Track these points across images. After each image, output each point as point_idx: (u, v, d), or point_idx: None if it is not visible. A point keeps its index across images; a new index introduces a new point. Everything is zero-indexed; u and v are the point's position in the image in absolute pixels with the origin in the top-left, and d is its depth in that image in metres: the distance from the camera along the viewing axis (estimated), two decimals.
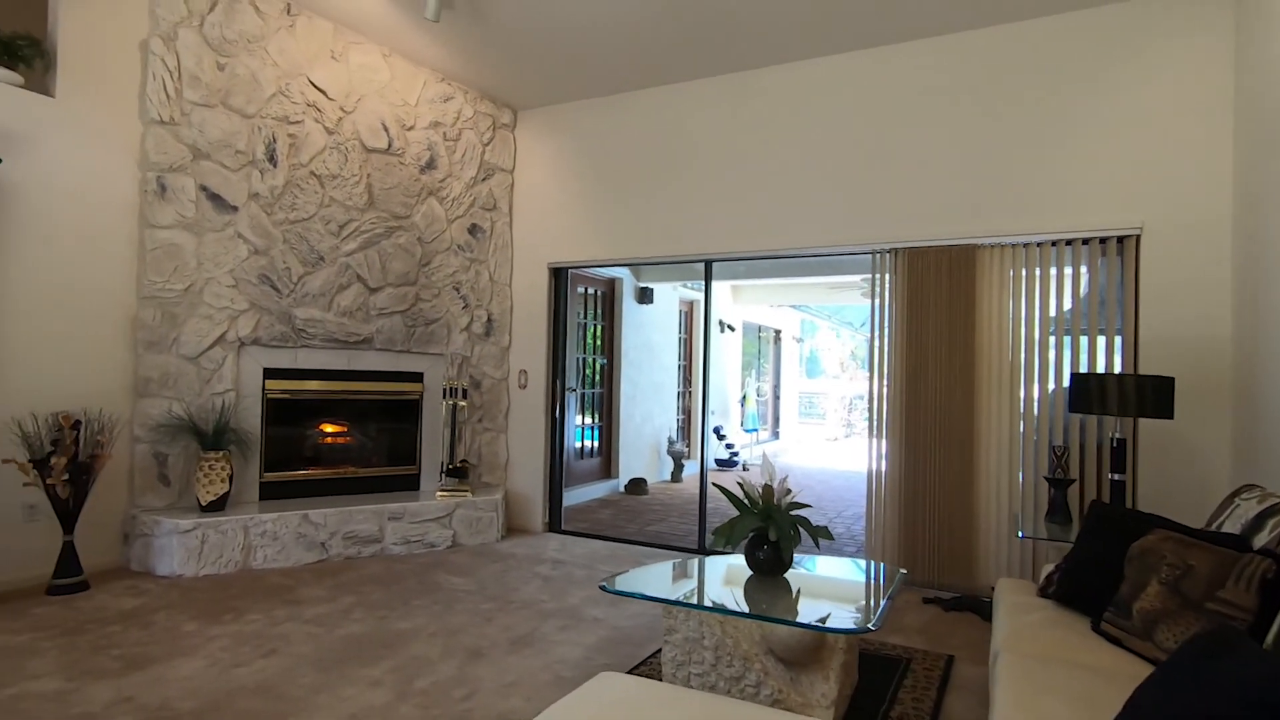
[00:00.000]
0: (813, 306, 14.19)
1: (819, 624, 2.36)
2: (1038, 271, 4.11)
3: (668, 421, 9.23)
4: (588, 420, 7.72)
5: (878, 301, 4.54)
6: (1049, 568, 2.76)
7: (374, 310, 5.03)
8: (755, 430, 11.80)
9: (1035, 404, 4.09)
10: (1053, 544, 3.56)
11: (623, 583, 2.78)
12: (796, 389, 15.45)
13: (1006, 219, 4.17)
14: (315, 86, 4.70)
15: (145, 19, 4.14)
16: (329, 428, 5.10)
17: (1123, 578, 2.24)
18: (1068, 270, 4.07)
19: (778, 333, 14.02)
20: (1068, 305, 4.08)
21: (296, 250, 4.65)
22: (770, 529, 2.71)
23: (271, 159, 4.53)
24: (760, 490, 2.88)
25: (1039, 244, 4.10)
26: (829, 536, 2.85)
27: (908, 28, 4.31)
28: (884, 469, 4.45)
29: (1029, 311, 4.12)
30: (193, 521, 4.00)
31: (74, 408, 3.83)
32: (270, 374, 4.63)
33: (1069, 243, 4.05)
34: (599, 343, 7.92)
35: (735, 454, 10.34)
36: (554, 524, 5.67)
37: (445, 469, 5.19)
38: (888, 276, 4.49)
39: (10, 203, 3.64)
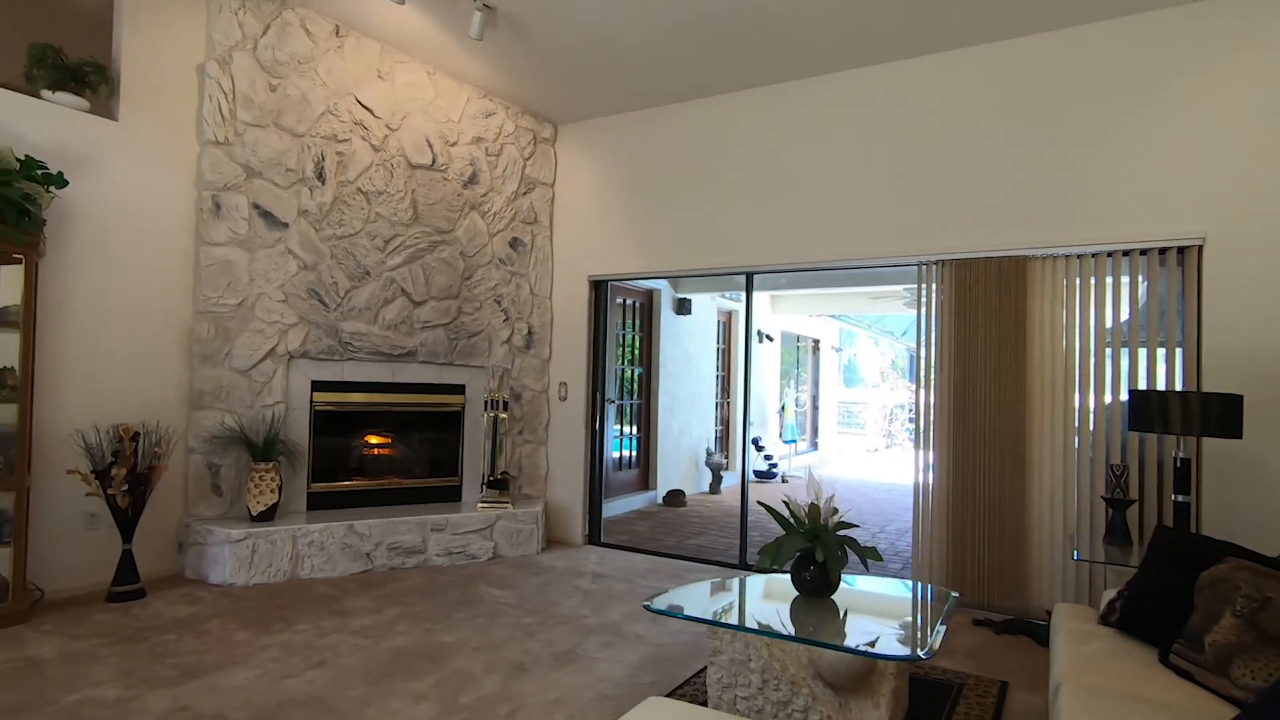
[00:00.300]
0: (852, 316, 14.00)
1: (871, 649, 2.30)
2: (1093, 283, 3.98)
3: (705, 433, 9.18)
4: (626, 430, 7.72)
5: (923, 312, 4.45)
6: (1110, 594, 2.66)
7: (417, 323, 5.11)
8: (794, 441, 11.66)
9: (1090, 418, 3.96)
10: (1111, 567, 3.43)
11: (666, 602, 2.75)
12: (835, 398, 15.23)
13: (1059, 230, 4.05)
14: (362, 105, 4.80)
15: (202, 43, 4.29)
16: (373, 439, 5.18)
17: (1192, 608, 2.14)
18: (1124, 280, 3.94)
19: (816, 342, 13.86)
20: (1124, 316, 3.95)
21: (343, 265, 4.75)
22: (817, 549, 2.66)
23: (320, 176, 4.64)
24: (806, 508, 2.84)
25: (1094, 255, 3.97)
26: (877, 558, 2.78)
27: (955, 35, 4.23)
28: (931, 483, 4.35)
29: (1083, 324, 3.99)
30: (244, 531, 4.10)
31: (133, 420, 3.96)
32: (318, 386, 4.72)
33: (1125, 254, 3.91)
34: (637, 354, 7.92)
35: (774, 465, 10.23)
36: (593, 536, 5.67)
37: (486, 481, 5.23)
38: (934, 288, 4.40)
39: (75, 222, 3.78)
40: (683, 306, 8.50)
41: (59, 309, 3.73)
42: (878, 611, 2.87)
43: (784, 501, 2.87)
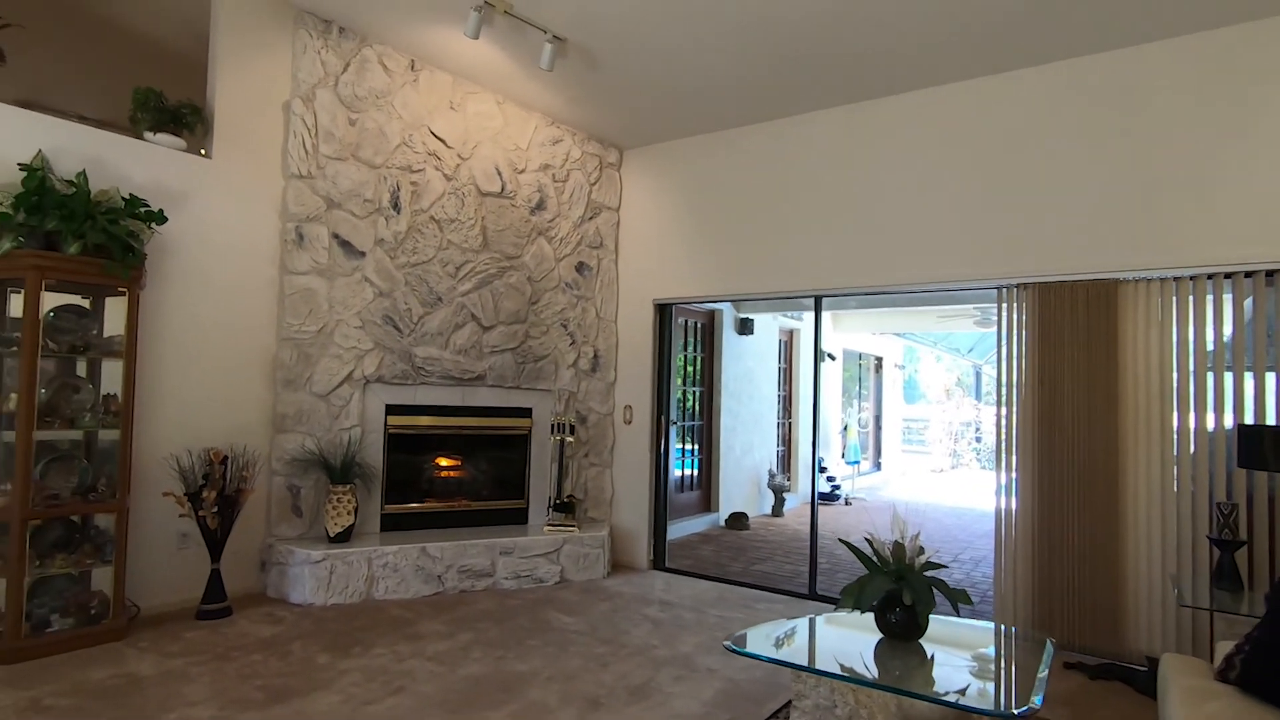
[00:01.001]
0: (916, 333, 13.65)
1: (970, 704, 2.20)
2: (1190, 308, 3.77)
3: (768, 453, 9.05)
4: (688, 449, 7.67)
5: (1004, 336, 4.28)
6: (1227, 646, 2.48)
7: (486, 348, 5.19)
8: (856, 462, 11.39)
9: (1191, 444, 3.72)
10: (1220, 615, 3.20)
11: (748, 642, 2.69)
12: (899, 417, 14.85)
13: (1154, 252, 3.85)
14: (435, 136, 4.93)
15: (288, 82, 4.47)
16: (443, 461, 5.28)
17: None
18: (1227, 298, 3.71)
19: (879, 360, 13.55)
20: (1228, 337, 3.72)
21: (417, 292, 4.87)
22: (904, 592, 2.57)
23: (395, 206, 4.77)
24: (890, 546, 2.74)
25: (1191, 278, 3.76)
26: (968, 601, 2.67)
27: (1036, 52, 4.09)
28: (1014, 510, 4.16)
29: (1181, 350, 3.78)
30: (322, 552, 4.21)
31: (221, 442, 4.12)
32: (391, 410, 4.84)
33: (1228, 275, 3.69)
34: (699, 374, 7.87)
35: (836, 487, 10.00)
36: (658, 561, 5.62)
37: (552, 504, 5.26)
38: (1015, 310, 4.24)
39: (170, 255, 3.98)
40: (745, 326, 8.43)
41: (156, 338, 3.92)
42: (968, 657, 2.75)
43: (866, 539, 2.78)
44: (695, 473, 7.78)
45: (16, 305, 3.38)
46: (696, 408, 7.84)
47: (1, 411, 3.34)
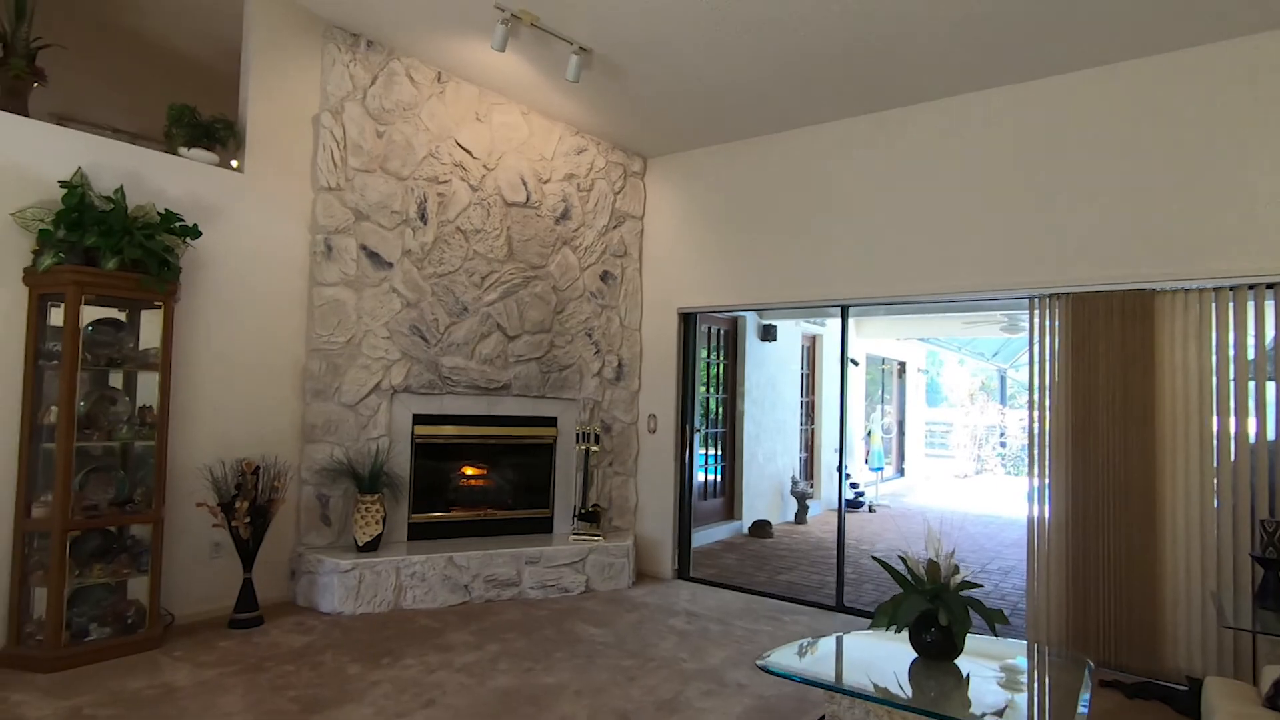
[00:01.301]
0: (940, 338, 13.49)
1: None
2: (1230, 317, 3.68)
3: (790, 460, 8.99)
4: (710, 456, 7.64)
5: (1036, 346, 4.22)
6: (1274, 671, 2.42)
7: (512, 357, 5.21)
8: (880, 469, 11.29)
9: (1231, 454, 3.63)
10: (1265, 636, 3.12)
11: (780, 659, 2.67)
12: (922, 422, 14.69)
13: (1192, 261, 3.77)
14: (461, 147, 4.97)
15: (317, 96, 4.52)
16: (469, 470, 5.30)
17: None
18: (1269, 304, 3.61)
19: (901, 365, 13.42)
20: (1270, 346, 3.63)
21: (443, 302, 4.90)
22: (941, 612, 2.53)
23: (422, 217, 4.81)
24: (924, 564, 2.71)
25: (1232, 288, 3.68)
26: (1005, 621, 2.63)
27: (1072, 58, 4.03)
28: (1046, 520, 4.09)
29: (1221, 362, 3.69)
30: (351, 561, 4.24)
31: (253, 453, 4.17)
32: (418, 419, 4.87)
33: (1270, 286, 3.60)
34: (721, 380, 7.84)
35: (860, 494, 9.91)
36: (682, 570, 5.60)
37: (577, 513, 5.26)
38: (1049, 319, 4.17)
39: (203, 268, 4.03)
40: (768, 333, 8.39)
41: (189, 350, 3.97)
42: (1005, 677, 2.70)
43: (901, 557, 2.75)
44: (718, 479, 7.75)
45: (56, 317, 3.45)
46: (719, 414, 7.81)
47: (42, 423, 3.41)
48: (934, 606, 2.57)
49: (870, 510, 9.72)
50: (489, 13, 4.00)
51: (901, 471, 13.36)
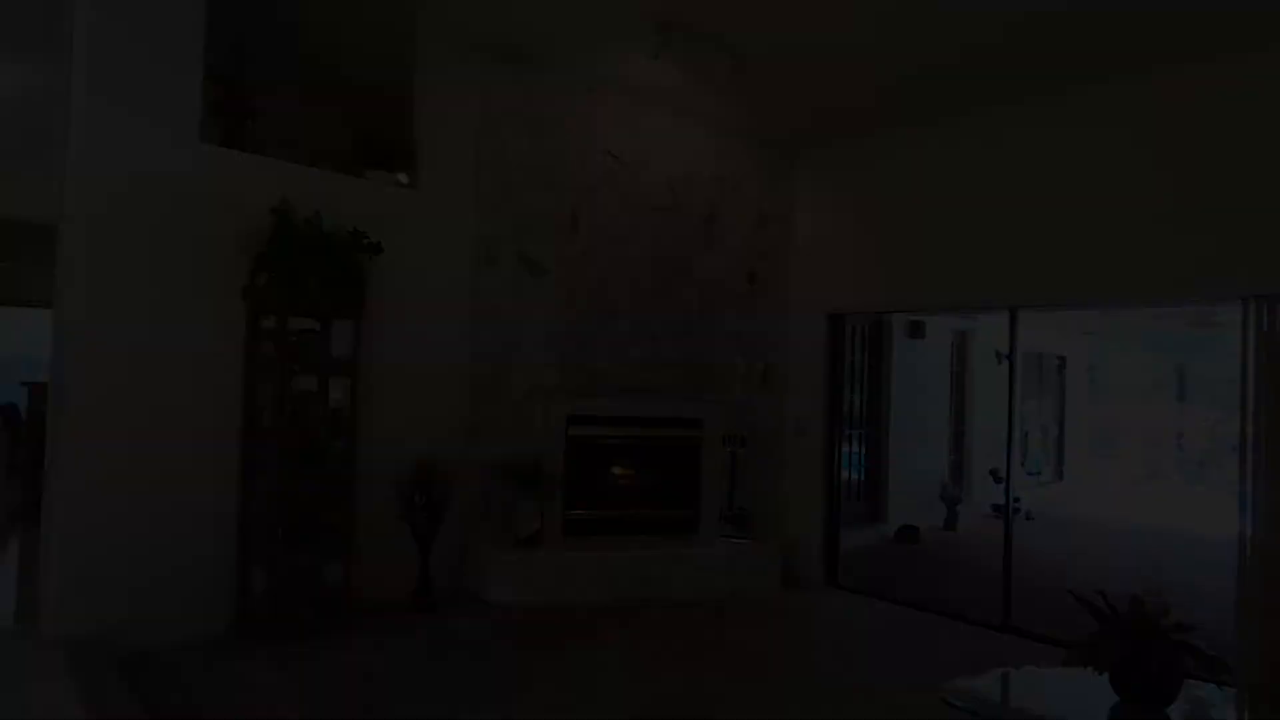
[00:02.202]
0: (1111, 331, 12.27)
1: None
2: None
3: (939, 463, 8.54)
4: (854, 456, 7.40)
5: (1250, 356, 3.74)
6: None
7: (659, 360, 5.28)
8: (1038, 472, 10.48)
9: None
10: None
11: (966, 693, 2.55)
12: (1086, 422, 13.48)
13: None
14: (612, 155, 5.07)
15: (479, 111, 4.75)
16: (619, 470, 5.43)
17: None
18: None
19: (1062, 359, 12.34)
20: None
21: (595, 306, 5.04)
22: (1150, 658, 2.31)
23: (575, 225, 4.96)
24: (1128, 602, 2.49)
25: None
26: (1227, 671, 2.37)
27: None
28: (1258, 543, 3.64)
29: None
30: (514, 556, 4.49)
31: (426, 451, 4.46)
32: (572, 420, 5.04)
33: None
34: (866, 378, 7.56)
35: (1017, 500, 9.24)
36: (830, 577, 5.48)
37: (723, 515, 5.27)
38: (1265, 322, 3.69)
39: (385, 281, 4.35)
40: (916, 329, 7.99)
41: (371, 356, 4.32)
42: None
43: (1100, 593, 2.54)
44: (862, 480, 7.50)
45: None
46: (864, 413, 7.54)
47: (257, 422, 3.85)
48: (1141, 649, 2.35)
49: (1028, 518, 9.04)
50: (642, 25, 4.04)
51: (1061, 475, 12.34)
